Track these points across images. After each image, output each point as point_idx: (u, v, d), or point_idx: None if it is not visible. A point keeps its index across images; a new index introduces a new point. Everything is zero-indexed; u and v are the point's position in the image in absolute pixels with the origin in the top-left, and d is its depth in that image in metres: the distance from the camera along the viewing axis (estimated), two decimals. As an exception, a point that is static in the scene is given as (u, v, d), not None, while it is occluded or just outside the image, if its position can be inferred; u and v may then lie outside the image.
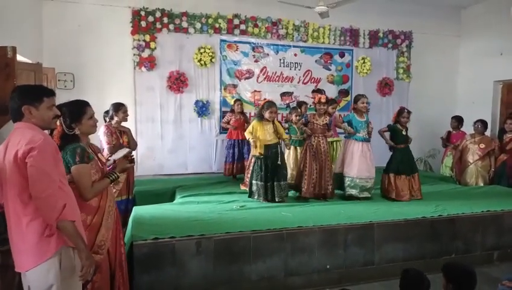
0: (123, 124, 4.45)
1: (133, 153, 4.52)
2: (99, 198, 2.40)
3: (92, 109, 2.48)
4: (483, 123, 6.09)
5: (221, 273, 3.29)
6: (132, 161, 2.71)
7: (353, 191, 4.67)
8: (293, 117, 5.21)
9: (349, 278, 3.67)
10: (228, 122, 6.05)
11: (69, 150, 2.27)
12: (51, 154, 1.93)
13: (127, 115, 4.43)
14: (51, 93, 2.06)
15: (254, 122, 4.62)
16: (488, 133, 6.24)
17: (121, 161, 2.61)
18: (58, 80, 5.84)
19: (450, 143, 6.59)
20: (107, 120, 4.34)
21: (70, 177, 2.26)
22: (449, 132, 6.76)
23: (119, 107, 4.34)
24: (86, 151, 2.34)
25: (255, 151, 4.52)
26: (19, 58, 3.85)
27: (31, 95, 1.99)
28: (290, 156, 5.14)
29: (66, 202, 1.91)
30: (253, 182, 4.54)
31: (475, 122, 6.14)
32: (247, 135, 4.64)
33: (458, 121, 6.65)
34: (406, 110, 4.91)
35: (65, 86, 5.87)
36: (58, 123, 2.27)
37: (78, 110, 2.38)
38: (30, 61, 4.72)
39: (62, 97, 2.19)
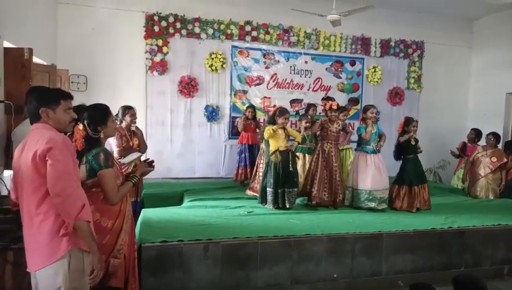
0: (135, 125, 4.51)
1: (143, 156, 4.58)
2: (121, 202, 2.39)
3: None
4: (496, 136, 6.00)
5: (227, 279, 3.28)
6: (152, 165, 2.69)
7: (372, 204, 4.57)
8: (303, 124, 5.19)
9: (356, 288, 3.63)
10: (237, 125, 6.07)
11: (94, 155, 2.26)
12: (70, 155, 1.96)
13: (135, 118, 4.47)
14: (68, 97, 2.09)
15: (268, 126, 4.54)
16: (500, 146, 6.16)
17: (141, 164, 2.60)
18: (72, 82, 5.93)
19: (465, 155, 6.44)
20: (117, 123, 4.39)
21: (94, 182, 2.26)
22: (464, 143, 6.62)
23: (125, 111, 4.38)
24: (110, 155, 2.35)
25: (274, 151, 4.45)
26: (35, 59, 3.93)
27: (48, 98, 2.02)
28: (298, 163, 5.11)
29: (84, 202, 1.92)
30: (268, 189, 4.47)
31: (487, 135, 6.05)
32: (266, 133, 4.45)
33: (476, 134, 6.46)
34: (414, 120, 4.89)
35: (78, 88, 5.95)
36: (81, 127, 2.28)
37: (103, 113, 2.40)
38: (45, 63, 4.80)
39: (75, 99, 2.21)
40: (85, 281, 1.98)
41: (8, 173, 3.38)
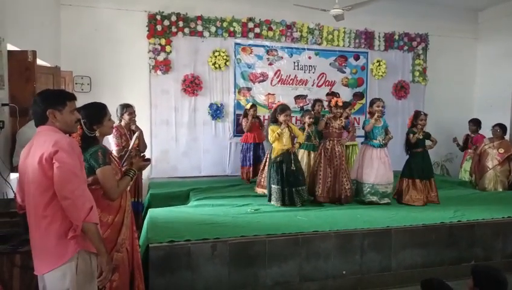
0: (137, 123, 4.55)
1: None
2: (120, 197, 2.42)
3: (109, 111, 2.53)
4: (502, 127, 5.96)
5: (236, 278, 3.28)
6: (148, 159, 2.74)
7: (374, 198, 4.60)
8: (306, 119, 5.16)
9: (365, 284, 3.62)
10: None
11: (91, 153, 2.28)
12: (77, 157, 1.96)
13: (134, 116, 4.52)
14: (73, 98, 2.10)
15: (272, 127, 4.49)
16: (507, 137, 6.09)
17: (138, 160, 2.62)
18: (76, 83, 5.94)
19: (469, 147, 6.43)
20: (117, 122, 4.42)
21: (93, 180, 2.27)
22: (468, 135, 6.61)
23: (123, 109, 4.45)
24: (107, 152, 2.37)
25: (277, 154, 4.47)
26: (38, 62, 3.93)
27: (54, 99, 2.02)
28: (302, 161, 5.09)
29: (92, 204, 1.92)
30: (272, 186, 4.49)
31: (493, 127, 6.01)
32: (271, 137, 4.43)
33: (476, 124, 6.51)
34: (422, 113, 4.85)
35: (82, 89, 5.95)
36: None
37: (99, 112, 2.43)
38: (49, 65, 4.80)
39: (79, 100, 2.21)
40: (93, 283, 1.99)
41: (14, 176, 3.39)
